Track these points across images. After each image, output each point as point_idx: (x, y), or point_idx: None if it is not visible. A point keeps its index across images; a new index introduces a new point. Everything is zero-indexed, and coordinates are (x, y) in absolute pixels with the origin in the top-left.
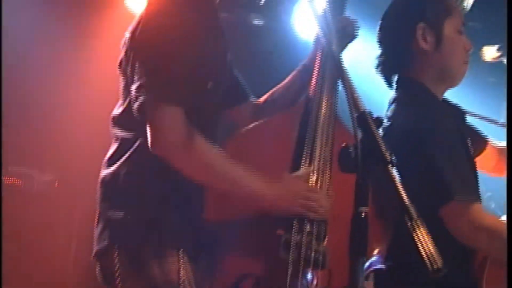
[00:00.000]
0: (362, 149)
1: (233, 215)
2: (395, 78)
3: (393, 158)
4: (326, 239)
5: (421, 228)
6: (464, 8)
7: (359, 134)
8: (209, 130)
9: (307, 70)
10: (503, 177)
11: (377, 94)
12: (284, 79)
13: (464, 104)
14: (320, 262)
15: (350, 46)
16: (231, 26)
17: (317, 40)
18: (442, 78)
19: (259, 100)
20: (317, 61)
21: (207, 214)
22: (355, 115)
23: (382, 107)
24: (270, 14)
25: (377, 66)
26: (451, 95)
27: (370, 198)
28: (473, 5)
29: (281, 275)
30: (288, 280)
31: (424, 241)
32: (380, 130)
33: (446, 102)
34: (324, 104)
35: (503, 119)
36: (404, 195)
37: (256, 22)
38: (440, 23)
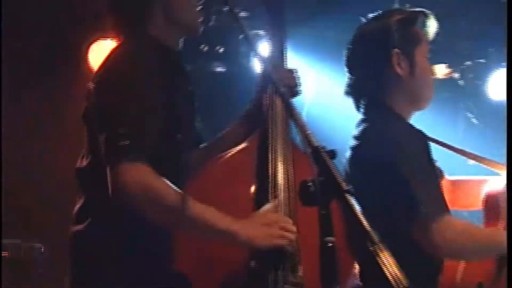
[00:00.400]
0: (320, 182)
1: (206, 264)
2: (365, 101)
3: (351, 187)
4: (301, 270)
5: (384, 252)
6: (429, 36)
7: (316, 168)
8: (171, 176)
9: (251, 116)
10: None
11: (341, 120)
12: None
13: (425, 121)
14: None
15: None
16: (193, 76)
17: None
18: (413, 101)
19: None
20: (266, 97)
21: (179, 266)
22: (309, 150)
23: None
24: (231, 61)
25: (347, 91)
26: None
27: (342, 227)
28: (437, 34)
29: None
30: None
31: (388, 263)
32: (349, 150)
33: (411, 126)
34: (279, 135)
35: (461, 132)
36: (364, 221)
37: (218, 69)
38: (412, 50)
